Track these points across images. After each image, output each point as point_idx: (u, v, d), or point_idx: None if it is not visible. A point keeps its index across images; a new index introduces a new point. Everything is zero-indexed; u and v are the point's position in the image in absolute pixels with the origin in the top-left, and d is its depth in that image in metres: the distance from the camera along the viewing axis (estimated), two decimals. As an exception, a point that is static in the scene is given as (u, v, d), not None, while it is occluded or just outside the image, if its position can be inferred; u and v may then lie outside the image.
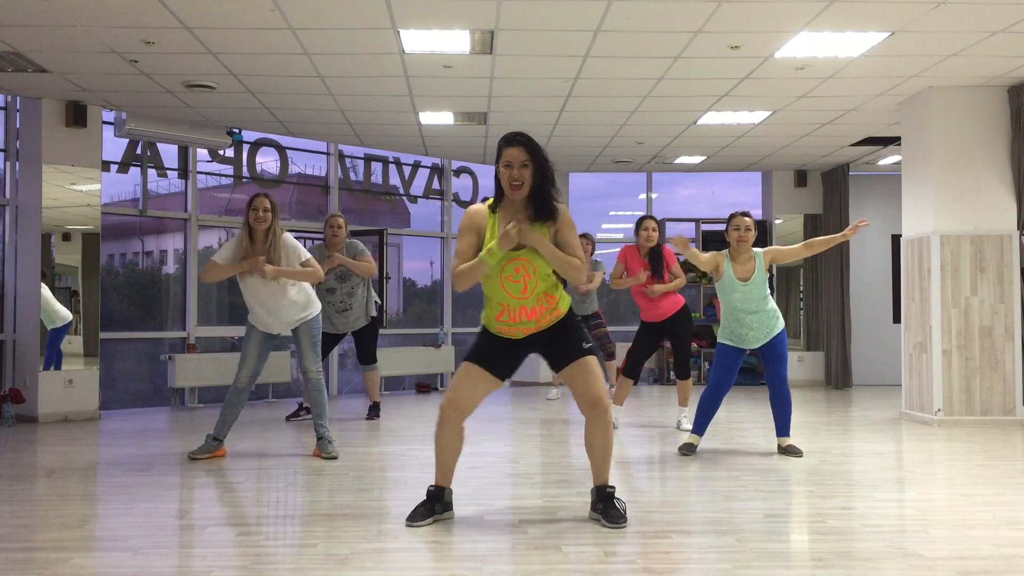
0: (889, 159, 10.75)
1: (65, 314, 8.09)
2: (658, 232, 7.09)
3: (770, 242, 11.47)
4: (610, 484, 4.12)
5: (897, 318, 10.74)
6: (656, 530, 3.99)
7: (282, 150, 10.34)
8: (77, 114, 7.99)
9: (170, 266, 10.40)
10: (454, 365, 11.09)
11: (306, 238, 9.58)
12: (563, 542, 3.76)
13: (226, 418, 5.87)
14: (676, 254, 6.62)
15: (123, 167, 9.15)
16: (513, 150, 3.93)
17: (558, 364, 4.11)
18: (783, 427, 6.03)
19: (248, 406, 9.04)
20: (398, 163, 11.38)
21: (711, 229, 11.90)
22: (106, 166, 8.68)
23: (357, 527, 4.03)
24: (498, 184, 4.00)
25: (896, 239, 10.43)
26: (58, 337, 8.03)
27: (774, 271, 11.35)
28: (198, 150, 9.56)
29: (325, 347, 7.78)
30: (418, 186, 11.59)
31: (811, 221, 11.60)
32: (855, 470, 5.57)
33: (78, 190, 8.17)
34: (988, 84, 7.58)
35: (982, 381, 7.55)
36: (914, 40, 6.35)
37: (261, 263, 5.54)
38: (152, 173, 9.31)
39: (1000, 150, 7.66)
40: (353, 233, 8.59)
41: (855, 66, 6.93)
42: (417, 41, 6.33)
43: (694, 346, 8.10)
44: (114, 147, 8.94)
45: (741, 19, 5.89)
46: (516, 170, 3.91)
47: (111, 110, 8.39)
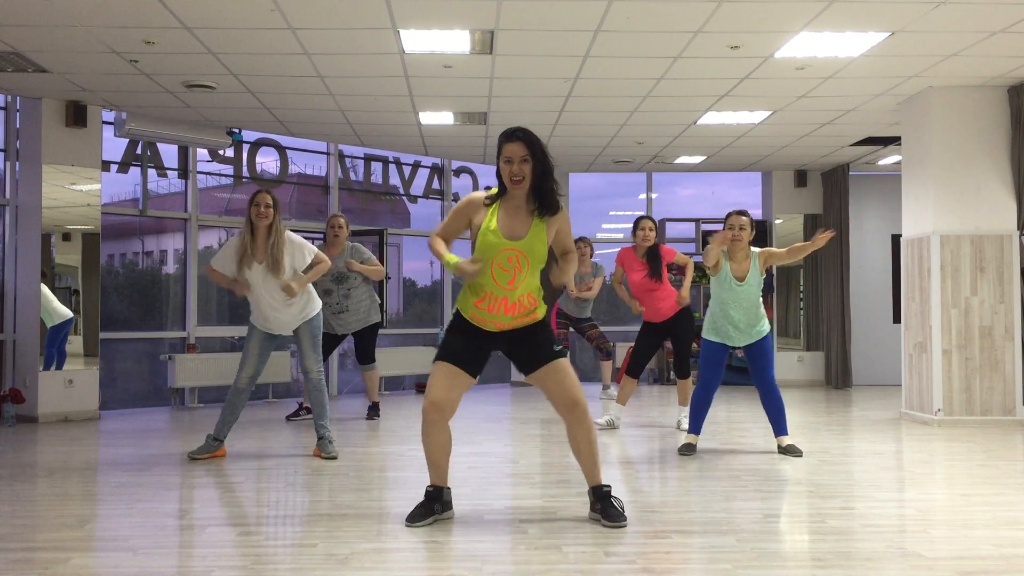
0: (889, 159, 10.75)
1: (63, 312, 8.07)
2: (655, 232, 7.09)
3: (770, 242, 11.48)
4: (605, 483, 4.12)
5: (897, 318, 10.74)
6: (656, 530, 3.99)
7: (282, 150, 10.34)
8: (77, 114, 7.99)
9: (170, 266, 10.41)
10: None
11: (306, 238, 9.56)
12: (563, 542, 3.76)
13: (226, 418, 5.87)
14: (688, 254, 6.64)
15: (123, 167, 9.15)
16: (513, 145, 3.94)
17: (528, 367, 4.08)
18: (780, 427, 6.05)
19: (248, 406, 9.03)
20: (398, 163, 11.39)
21: (711, 229, 11.89)
22: (106, 166, 8.68)
23: (357, 527, 4.03)
24: (500, 179, 4.00)
25: (896, 239, 10.42)
26: (57, 335, 8.01)
27: (774, 271, 11.35)
28: (198, 150, 9.57)
29: (325, 348, 7.78)
30: (418, 186, 11.60)
31: (811, 221, 11.59)
32: (855, 470, 5.57)
33: (78, 190, 8.17)
34: (988, 84, 7.58)
35: (982, 381, 7.55)
36: (914, 40, 6.35)
37: (287, 287, 5.63)
38: (152, 173, 9.32)
39: (1000, 150, 7.66)
40: (353, 233, 8.58)
41: (855, 66, 6.93)
42: (417, 41, 6.33)
43: (695, 346, 8.10)
44: (114, 147, 8.95)
45: (741, 19, 5.90)
46: (516, 165, 3.92)
47: (111, 110, 8.39)
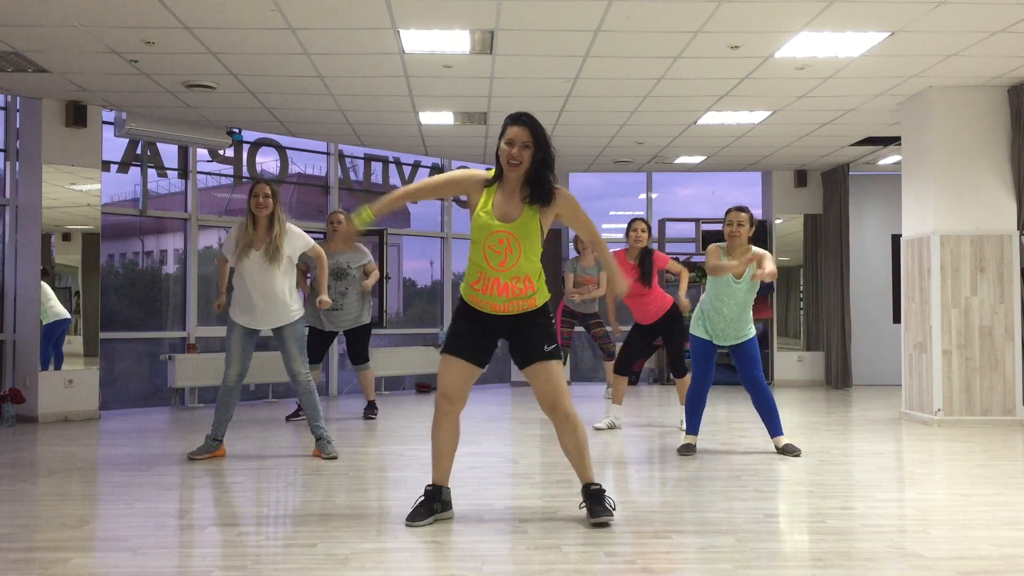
0: (889, 159, 10.75)
1: (59, 311, 8.02)
2: (647, 233, 7.09)
3: (769, 242, 11.48)
4: (594, 482, 4.10)
5: (897, 318, 10.73)
6: (656, 530, 3.99)
7: (282, 150, 10.34)
8: (77, 114, 7.99)
9: (170, 266, 10.41)
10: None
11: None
12: (563, 542, 3.76)
13: (221, 417, 5.86)
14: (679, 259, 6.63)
15: (123, 167, 9.15)
16: (517, 129, 3.93)
17: (520, 360, 4.11)
18: (774, 428, 6.04)
19: (248, 406, 9.05)
20: (398, 163, 11.38)
21: (711, 229, 11.89)
22: (106, 166, 8.67)
23: (357, 527, 4.03)
24: (498, 161, 4.00)
25: (896, 239, 10.42)
26: (52, 334, 7.98)
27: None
28: (198, 150, 9.56)
29: (319, 346, 7.77)
30: (418, 186, 11.57)
31: (811, 221, 11.59)
32: (855, 470, 5.57)
33: (78, 190, 8.17)
34: (988, 84, 7.58)
35: (982, 381, 7.55)
36: (914, 40, 6.35)
37: (325, 304, 6.26)
38: (152, 173, 9.31)
39: (1000, 150, 7.66)
40: (354, 232, 8.57)
41: (855, 66, 6.93)
42: (417, 41, 6.33)
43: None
44: (114, 147, 8.94)
45: (741, 19, 5.89)
46: (516, 149, 3.91)
47: (111, 110, 8.39)
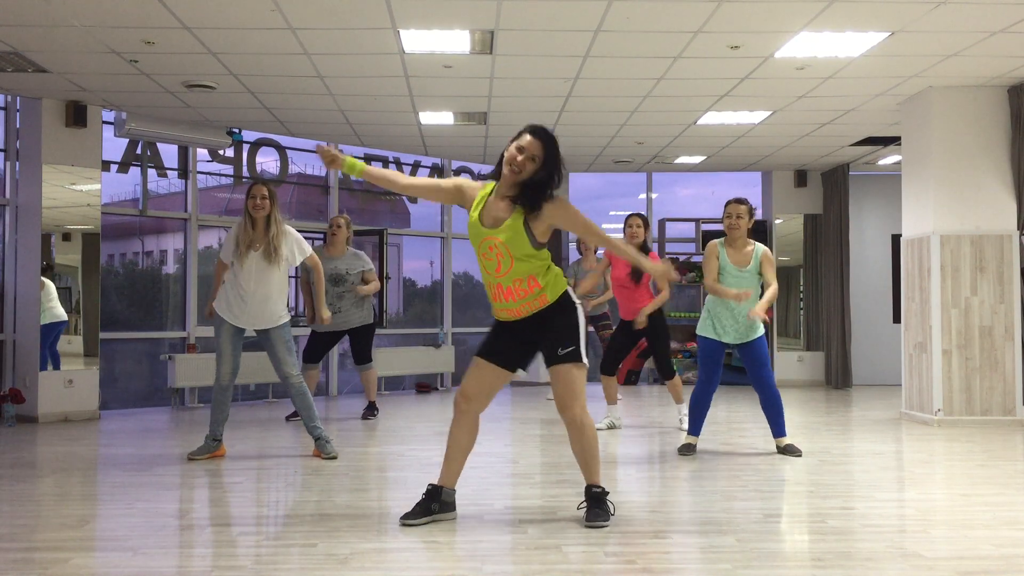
0: (889, 159, 10.75)
1: (57, 312, 8.00)
2: (643, 229, 7.08)
3: (770, 242, 11.47)
4: (597, 485, 4.09)
5: (897, 318, 10.73)
6: (656, 530, 3.99)
7: (282, 150, 10.34)
8: (77, 114, 7.99)
9: (170, 266, 10.41)
10: (454, 365, 11.10)
11: (306, 238, 9.56)
12: (563, 542, 3.76)
13: (217, 417, 5.85)
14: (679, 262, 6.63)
15: (123, 167, 9.15)
16: (532, 139, 3.91)
17: (546, 361, 4.12)
18: (778, 428, 6.04)
19: (248, 406, 9.05)
20: (398, 163, 11.38)
21: (711, 229, 11.89)
22: (106, 166, 8.67)
23: (357, 527, 4.03)
24: (500, 161, 3.97)
25: (896, 239, 10.42)
26: (48, 335, 7.97)
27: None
28: (198, 150, 9.56)
29: (320, 346, 7.79)
30: (418, 186, 11.57)
31: (811, 221, 11.59)
32: (855, 470, 5.57)
33: (78, 190, 8.17)
34: (988, 84, 7.58)
35: (982, 381, 7.55)
36: (914, 40, 6.35)
37: (326, 321, 6.57)
38: (152, 173, 9.31)
39: (1000, 150, 7.65)
40: (354, 233, 8.57)
41: (855, 66, 6.92)
42: (417, 41, 6.33)
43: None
44: (114, 147, 8.94)
45: (741, 19, 5.89)
46: (523, 158, 3.89)
47: (111, 110, 8.38)
